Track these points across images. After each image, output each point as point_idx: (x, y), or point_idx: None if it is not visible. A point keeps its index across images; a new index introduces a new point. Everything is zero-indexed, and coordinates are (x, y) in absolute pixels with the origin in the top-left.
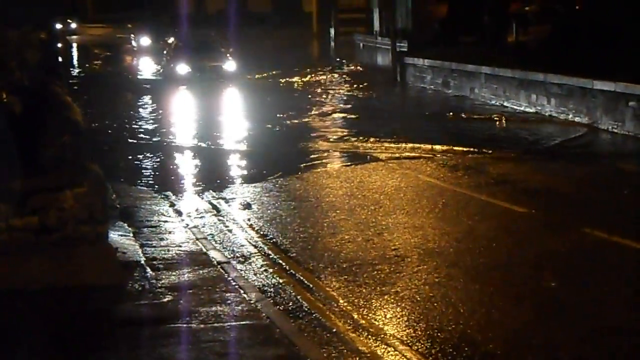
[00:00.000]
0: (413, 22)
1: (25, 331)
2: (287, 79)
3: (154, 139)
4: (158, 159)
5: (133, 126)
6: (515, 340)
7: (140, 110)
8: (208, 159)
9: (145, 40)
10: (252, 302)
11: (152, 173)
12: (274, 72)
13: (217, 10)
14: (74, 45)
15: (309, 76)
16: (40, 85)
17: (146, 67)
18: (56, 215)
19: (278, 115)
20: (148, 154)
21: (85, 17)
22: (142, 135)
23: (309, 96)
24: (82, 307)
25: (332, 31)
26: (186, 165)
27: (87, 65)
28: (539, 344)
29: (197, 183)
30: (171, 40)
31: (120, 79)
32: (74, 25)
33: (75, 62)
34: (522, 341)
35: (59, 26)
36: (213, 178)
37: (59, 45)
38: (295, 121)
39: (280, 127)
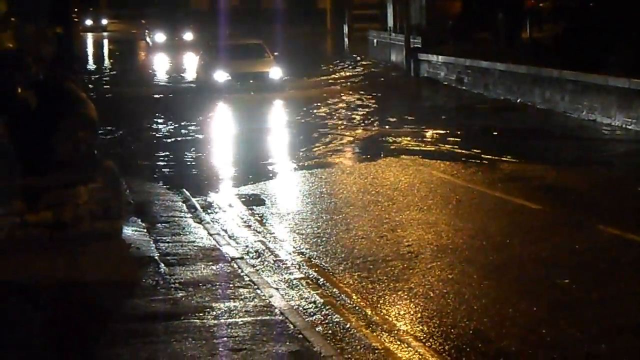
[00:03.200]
0: (427, 18)
1: (40, 325)
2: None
3: None
4: None
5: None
6: (528, 337)
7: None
8: None
9: (160, 37)
10: (265, 297)
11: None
12: (306, 77)
13: (231, 7)
14: (91, 40)
15: (333, 78)
16: (55, 81)
17: (162, 66)
18: (71, 211)
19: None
20: None
21: (99, 13)
22: None
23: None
24: (96, 302)
25: (346, 28)
26: None
27: (103, 65)
28: (552, 341)
29: (212, 179)
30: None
31: (139, 86)
32: (104, 22)
33: (90, 58)
34: (536, 338)
35: (89, 22)
36: (227, 174)
37: (75, 40)
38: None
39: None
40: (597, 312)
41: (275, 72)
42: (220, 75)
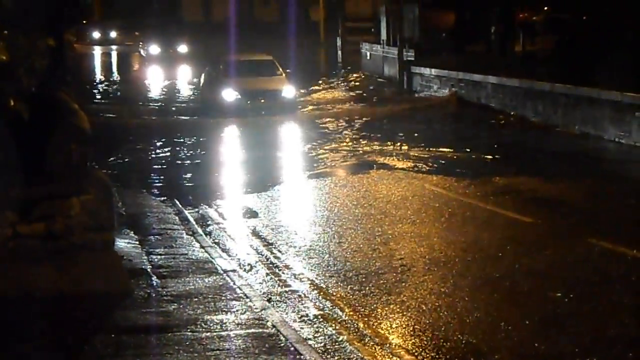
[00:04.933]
0: (420, 31)
1: (31, 337)
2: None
3: None
4: None
5: None
6: (520, 350)
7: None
8: None
9: (155, 49)
10: (257, 310)
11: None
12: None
13: (224, 19)
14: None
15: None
16: (48, 93)
17: (158, 80)
18: (63, 222)
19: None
20: None
21: (107, 25)
22: None
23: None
24: (88, 315)
25: (339, 40)
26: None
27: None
28: (545, 354)
29: (205, 191)
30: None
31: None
32: (113, 35)
33: (84, 71)
34: (528, 351)
35: (97, 35)
36: (220, 187)
37: (69, 53)
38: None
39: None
40: (589, 325)
41: (289, 91)
42: (229, 94)
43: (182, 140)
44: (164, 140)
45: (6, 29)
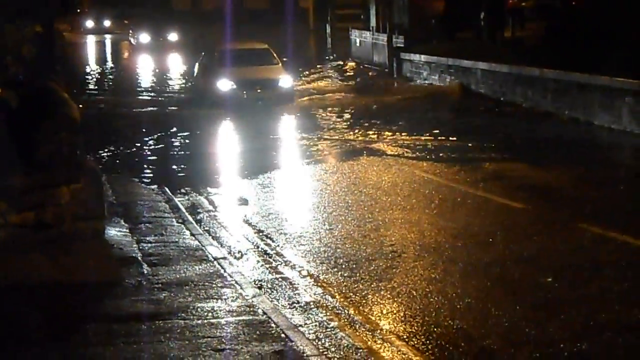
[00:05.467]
0: (410, 17)
1: (22, 327)
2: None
3: None
4: None
5: None
6: (511, 335)
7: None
8: None
9: (145, 37)
10: (248, 297)
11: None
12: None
13: (213, 7)
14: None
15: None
16: (37, 81)
17: (148, 70)
18: (53, 211)
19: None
20: None
21: (101, 14)
22: None
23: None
24: (78, 303)
25: (329, 27)
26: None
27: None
28: (535, 340)
29: (195, 179)
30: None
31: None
32: (107, 23)
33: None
34: (519, 336)
35: (90, 24)
36: (211, 176)
37: (57, 41)
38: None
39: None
40: (579, 311)
41: (286, 80)
42: (224, 84)
43: (173, 131)
44: (155, 131)
45: None
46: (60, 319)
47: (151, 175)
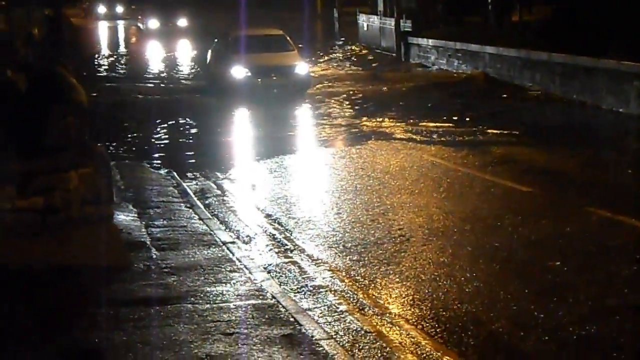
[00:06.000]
0: (417, 1)
1: (32, 310)
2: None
3: None
4: None
5: None
6: (519, 319)
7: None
8: None
9: (154, 23)
10: (257, 281)
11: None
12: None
13: None
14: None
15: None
16: (45, 66)
17: (158, 56)
18: (61, 196)
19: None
20: None
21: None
22: None
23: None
24: (87, 287)
25: (336, 12)
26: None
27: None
28: (543, 323)
29: (204, 163)
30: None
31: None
32: (119, 10)
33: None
34: (527, 320)
35: (102, 10)
36: (219, 161)
37: (66, 26)
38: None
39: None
40: (588, 294)
41: (302, 67)
42: (239, 71)
43: (184, 118)
44: (165, 118)
45: (4, 1)
46: (69, 303)
47: (160, 161)
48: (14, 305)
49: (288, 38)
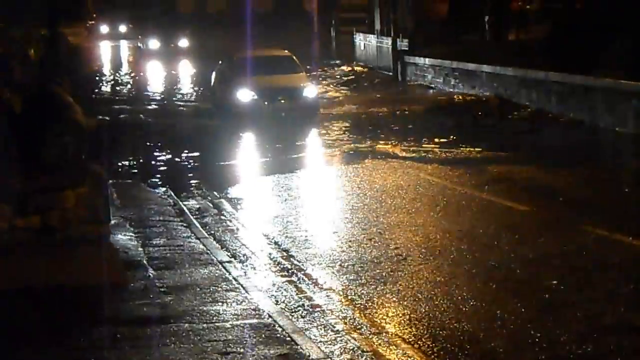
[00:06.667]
0: (414, 20)
1: (27, 330)
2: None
3: None
4: None
5: None
6: (517, 338)
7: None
8: None
9: (154, 43)
10: (253, 301)
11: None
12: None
13: (216, 10)
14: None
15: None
16: (42, 85)
17: (158, 78)
18: (58, 215)
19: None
20: None
21: (85, 17)
22: None
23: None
24: (84, 307)
25: (333, 31)
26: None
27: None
28: (541, 342)
29: (201, 183)
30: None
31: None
32: (122, 29)
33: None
34: (524, 339)
35: (105, 29)
36: (216, 181)
37: (62, 47)
38: None
39: None
40: (585, 313)
41: (310, 90)
42: (245, 94)
43: (185, 142)
44: (166, 141)
45: (1, 21)
46: (66, 323)
47: (158, 181)
48: (10, 324)
49: (295, 59)
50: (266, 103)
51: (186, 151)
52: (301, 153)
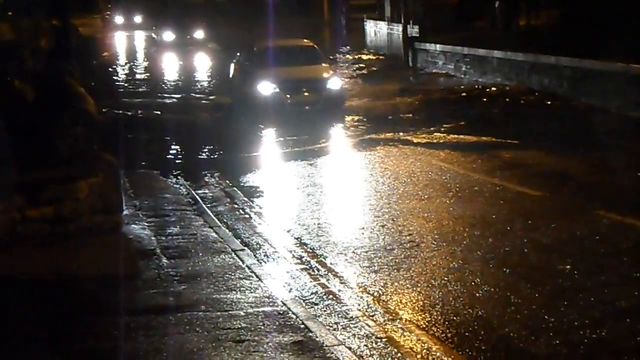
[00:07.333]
0: (424, 7)
1: (42, 319)
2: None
3: None
4: None
5: None
6: (530, 323)
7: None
8: None
9: (169, 35)
10: (267, 288)
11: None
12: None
13: None
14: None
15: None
16: (53, 75)
17: (173, 72)
18: (71, 205)
19: None
20: None
21: (95, 9)
22: None
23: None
24: (98, 296)
25: (343, 19)
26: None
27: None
28: (555, 327)
29: (213, 172)
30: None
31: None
32: (138, 20)
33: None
34: (538, 324)
35: (120, 20)
36: (228, 170)
37: (73, 37)
38: None
39: None
40: (598, 297)
41: (335, 82)
42: (266, 87)
43: (199, 134)
44: (180, 133)
45: (10, 11)
46: (80, 312)
47: (171, 170)
48: (25, 314)
49: (318, 50)
50: (288, 96)
51: (202, 144)
52: (315, 143)
